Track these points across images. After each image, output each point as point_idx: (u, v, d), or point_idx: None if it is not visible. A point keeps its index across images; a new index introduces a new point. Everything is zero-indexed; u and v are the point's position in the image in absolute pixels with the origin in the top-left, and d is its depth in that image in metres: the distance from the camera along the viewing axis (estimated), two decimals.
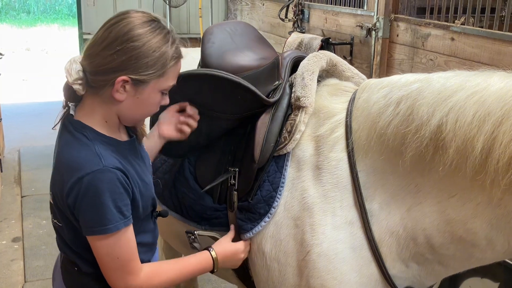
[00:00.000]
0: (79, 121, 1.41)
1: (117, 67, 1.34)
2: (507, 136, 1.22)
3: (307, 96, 1.66)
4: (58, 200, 1.41)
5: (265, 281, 1.67)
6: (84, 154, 1.36)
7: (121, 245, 1.39)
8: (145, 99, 1.41)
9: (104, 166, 1.35)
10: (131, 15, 1.38)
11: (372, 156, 1.49)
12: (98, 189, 1.33)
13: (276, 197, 1.62)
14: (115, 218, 1.36)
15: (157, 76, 1.38)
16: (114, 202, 1.35)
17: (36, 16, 15.17)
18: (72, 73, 1.37)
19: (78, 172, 1.34)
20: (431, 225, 1.42)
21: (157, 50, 1.36)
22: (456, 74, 1.41)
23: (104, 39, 1.35)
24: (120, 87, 1.36)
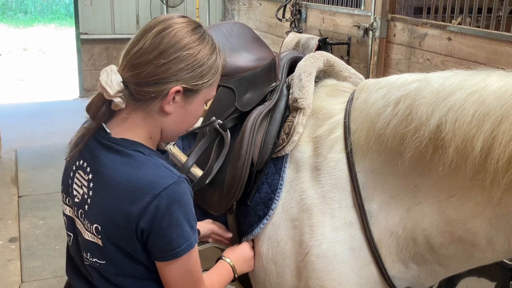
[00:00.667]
0: (125, 139, 1.29)
1: (172, 76, 1.25)
2: (506, 136, 1.21)
3: (305, 98, 1.65)
4: (112, 230, 1.26)
5: (262, 282, 1.67)
6: (151, 169, 1.25)
7: (196, 257, 1.32)
8: (192, 110, 1.34)
9: (178, 177, 1.25)
10: (176, 22, 1.29)
11: (371, 157, 1.49)
12: (179, 203, 1.24)
13: (274, 199, 1.61)
14: (193, 230, 1.29)
15: (208, 86, 1.33)
16: (192, 214, 1.29)
17: (33, 16, 15.13)
18: (114, 84, 1.24)
19: (152, 189, 1.22)
20: (430, 225, 1.41)
21: (210, 58, 1.31)
22: (454, 73, 1.40)
23: (156, 47, 1.24)
24: (172, 98, 1.27)
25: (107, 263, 1.31)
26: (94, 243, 1.30)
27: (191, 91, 1.30)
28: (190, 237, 1.27)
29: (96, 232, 1.29)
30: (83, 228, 1.32)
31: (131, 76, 1.26)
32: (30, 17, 15.04)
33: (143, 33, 1.29)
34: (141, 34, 1.30)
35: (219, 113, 1.81)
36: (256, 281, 1.70)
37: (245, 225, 1.68)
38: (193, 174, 1.73)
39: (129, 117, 1.30)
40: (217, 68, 1.34)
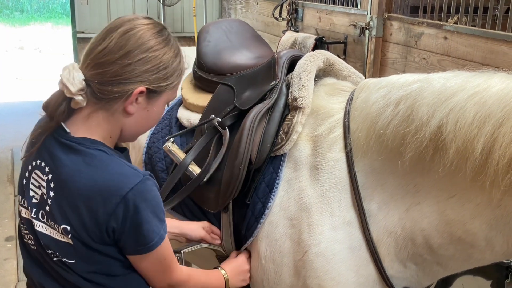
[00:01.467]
0: (85, 138, 1.27)
1: (136, 77, 1.25)
2: (507, 138, 1.21)
3: (304, 97, 1.65)
4: (83, 231, 1.25)
5: (260, 281, 1.66)
6: (115, 169, 1.25)
7: (168, 246, 1.35)
8: (154, 111, 1.34)
9: (143, 175, 1.26)
10: (141, 23, 1.29)
11: (371, 156, 1.49)
12: (146, 201, 1.24)
13: (270, 198, 1.61)
14: (163, 223, 1.31)
15: (171, 88, 1.33)
16: (160, 208, 1.30)
17: (29, 14, 15.08)
18: (75, 82, 1.22)
19: (119, 191, 1.22)
20: (429, 226, 1.41)
21: (174, 61, 1.32)
22: (456, 74, 1.40)
23: (122, 47, 1.24)
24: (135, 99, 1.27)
25: (79, 261, 1.29)
26: (65, 242, 1.28)
27: (154, 93, 1.29)
28: (160, 231, 1.29)
29: (64, 232, 1.27)
30: (49, 228, 1.30)
31: (94, 75, 1.25)
32: (27, 15, 14.98)
33: (107, 32, 1.27)
34: (105, 33, 1.28)
35: (218, 111, 1.81)
36: (254, 280, 1.70)
37: (243, 227, 1.67)
38: (191, 171, 1.74)
39: (90, 117, 1.28)
40: (181, 71, 1.35)
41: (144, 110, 1.31)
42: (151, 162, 1.99)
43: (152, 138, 2.05)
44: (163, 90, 1.31)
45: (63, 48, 10.58)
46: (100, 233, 1.25)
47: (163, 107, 1.37)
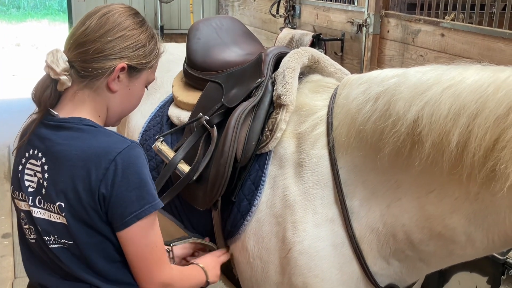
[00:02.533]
0: (73, 117, 1.32)
1: (118, 53, 1.32)
2: (482, 129, 1.21)
3: (288, 94, 1.65)
4: (76, 205, 1.27)
5: (249, 278, 1.67)
6: (103, 137, 1.29)
7: (157, 229, 1.33)
8: (135, 90, 1.41)
9: (131, 142, 1.30)
10: (117, 7, 1.38)
11: (352, 153, 1.49)
12: (136, 165, 1.26)
13: (257, 195, 1.62)
14: (155, 193, 1.30)
15: (149, 67, 1.41)
16: (150, 177, 1.31)
17: (26, 11, 15.05)
18: (60, 62, 1.29)
19: (107, 155, 1.25)
20: (410, 221, 1.41)
21: (151, 41, 1.40)
22: (433, 68, 1.40)
23: (101, 27, 1.32)
24: (116, 77, 1.34)
25: (76, 243, 1.31)
26: (61, 224, 1.30)
27: (134, 70, 1.37)
28: (152, 199, 1.28)
29: (60, 211, 1.29)
30: (47, 212, 1.32)
31: (77, 54, 1.31)
32: (23, 12, 14.95)
33: (86, 17, 1.36)
34: (84, 18, 1.37)
35: (207, 109, 1.81)
36: (243, 277, 1.71)
37: (229, 223, 1.68)
38: (180, 170, 1.74)
39: (75, 95, 1.34)
40: (157, 52, 1.42)
41: (126, 88, 1.37)
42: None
43: (144, 136, 2.06)
44: (143, 68, 1.39)
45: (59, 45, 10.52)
46: (94, 203, 1.26)
47: (143, 87, 1.44)
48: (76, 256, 1.32)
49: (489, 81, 1.24)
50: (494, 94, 1.21)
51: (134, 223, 1.27)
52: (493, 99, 1.21)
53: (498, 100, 1.20)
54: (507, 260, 2.29)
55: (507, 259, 2.29)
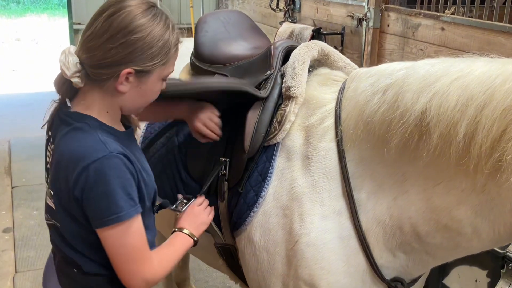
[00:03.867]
0: (78, 113, 1.36)
1: (121, 60, 1.29)
2: (489, 120, 1.22)
3: (298, 86, 1.66)
4: (61, 196, 1.35)
5: (254, 270, 1.68)
6: (87, 142, 1.31)
7: (134, 233, 1.33)
8: (148, 88, 1.38)
9: (110, 152, 1.29)
10: (128, 4, 1.31)
11: (360, 145, 1.49)
12: (106, 176, 1.28)
13: (264, 187, 1.62)
14: (127, 205, 1.30)
15: (161, 65, 1.35)
16: (124, 189, 1.30)
17: (26, 6, 15.00)
18: (70, 66, 1.30)
19: (83, 161, 1.28)
20: (416, 213, 1.42)
21: (160, 39, 1.32)
22: (441, 60, 1.41)
23: (105, 31, 1.29)
24: (124, 79, 1.32)
25: (63, 226, 1.40)
26: (51, 208, 1.41)
27: (143, 72, 1.33)
28: (119, 211, 1.29)
29: (51, 195, 1.39)
30: (48, 197, 1.44)
31: (86, 58, 1.31)
32: (23, 7, 14.91)
33: (96, 16, 1.33)
34: (95, 16, 1.33)
35: None
36: (248, 269, 1.71)
37: (235, 215, 1.68)
38: None
39: (87, 94, 1.36)
40: (169, 48, 1.35)
41: (136, 88, 1.36)
42: (147, 152, 1.99)
43: (149, 129, 2.06)
44: (152, 69, 1.34)
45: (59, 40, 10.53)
46: (69, 200, 1.32)
47: (158, 83, 1.40)
48: (62, 237, 1.41)
49: (497, 72, 1.25)
50: (502, 85, 1.22)
51: (103, 228, 1.31)
52: (501, 91, 1.22)
53: (505, 91, 1.21)
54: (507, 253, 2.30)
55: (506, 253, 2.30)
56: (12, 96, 7.04)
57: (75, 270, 1.43)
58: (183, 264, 3.01)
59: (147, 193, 1.43)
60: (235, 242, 1.75)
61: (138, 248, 1.35)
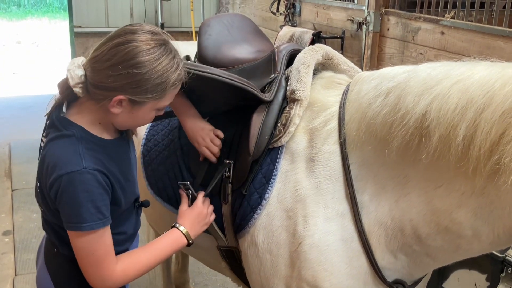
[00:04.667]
0: (67, 119, 1.44)
1: (117, 88, 1.37)
2: (488, 123, 1.23)
3: (302, 89, 1.67)
4: (43, 190, 1.47)
5: (257, 272, 1.68)
6: (66, 152, 1.40)
7: (96, 243, 1.43)
8: (139, 116, 1.45)
9: (83, 167, 1.37)
10: (139, 37, 1.36)
11: (362, 148, 1.51)
12: (75, 190, 1.37)
13: (268, 189, 1.63)
14: (92, 218, 1.40)
15: (155, 99, 1.41)
16: (92, 203, 1.39)
17: (26, 9, 15.07)
18: (75, 77, 1.39)
19: (58, 170, 1.38)
20: (417, 216, 1.43)
21: (159, 78, 1.37)
22: (443, 64, 1.42)
23: (109, 59, 1.35)
24: (117, 104, 1.39)
25: (44, 211, 1.54)
26: (38, 195, 1.53)
27: (135, 102, 1.40)
28: (82, 221, 1.39)
29: (37, 187, 1.52)
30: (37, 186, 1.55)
31: (89, 75, 1.40)
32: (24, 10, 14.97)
33: (107, 40, 1.40)
34: (106, 40, 1.40)
35: None
36: (251, 271, 1.72)
37: (238, 217, 1.69)
38: None
39: (84, 104, 1.45)
40: (166, 86, 1.40)
41: (129, 113, 1.43)
42: (149, 155, 2.01)
43: (151, 131, 2.07)
44: (145, 101, 1.41)
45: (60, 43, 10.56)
46: (48, 196, 1.44)
47: (150, 113, 1.47)
48: (49, 224, 1.56)
49: (496, 76, 1.26)
50: (501, 89, 1.23)
51: (68, 230, 1.43)
52: (500, 94, 1.23)
53: (504, 95, 1.22)
54: (506, 257, 2.31)
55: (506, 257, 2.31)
56: (13, 99, 7.05)
57: (55, 249, 1.56)
58: (182, 267, 3.02)
59: (126, 199, 1.52)
60: (238, 244, 1.76)
61: (98, 255, 1.44)
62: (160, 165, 1.94)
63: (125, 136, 1.58)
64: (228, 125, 1.79)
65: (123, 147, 1.57)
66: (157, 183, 1.94)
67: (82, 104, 1.46)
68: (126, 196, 1.52)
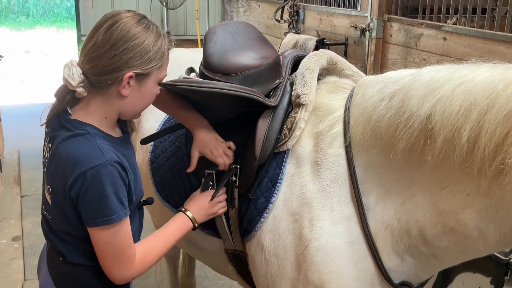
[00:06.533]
0: (77, 120, 1.48)
1: (123, 65, 1.43)
2: (492, 124, 1.24)
3: (307, 94, 1.68)
4: (57, 193, 1.47)
5: (264, 275, 1.69)
6: (86, 148, 1.43)
7: (121, 234, 1.47)
8: (147, 91, 1.51)
9: (106, 160, 1.42)
10: (123, 16, 1.46)
11: (367, 151, 1.52)
12: (102, 182, 1.40)
13: (274, 193, 1.65)
14: (117, 209, 1.44)
15: (157, 68, 1.50)
16: (116, 194, 1.43)
17: (35, 19, 15.21)
18: (75, 77, 1.43)
19: (81, 167, 1.40)
20: (423, 217, 1.44)
21: (155, 45, 1.47)
22: (446, 67, 1.43)
23: (107, 41, 1.42)
24: (126, 83, 1.44)
25: (53, 219, 1.54)
26: (47, 201, 1.54)
27: (142, 75, 1.47)
28: (111, 214, 1.43)
29: (48, 191, 1.53)
30: (45, 191, 1.56)
31: (89, 68, 1.44)
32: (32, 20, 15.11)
33: (95, 30, 1.47)
34: (93, 30, 1.47)
35: None
36: (258, 273, 1.73)
37: (245, 220, 1.70)
38: None
39: (89, 102, 1.49)
40: (163, 52, 1.50)
41: (137, 91, 1.49)
42: (157, 161, 2.03)
43: None
44: (151, 72, 1.48)
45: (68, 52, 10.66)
46: (64, 199, 1.45)
47: (155, 86, 1.54)
48: (51, 227, 1.57)
49: (499, 78, 1.27)
50: (504, 90, 1.24)
51: (94, 227, 1.45)
52: (503, 95, 1.23)
53: (508, 96, 1.23)
54: (510, 260, 2.30)
55: (510, 260, 2.30)
56: (21, 107, 7.12)
57: (60, 258, 1.57)
58: (189, 271, 3.03)
59: (136, 196, 1.57)
60: (245, 248, 1.77)
61: (121, 248, 1.48)
62: (168, 171, 1.96)
63: (127, 135, 1.63)
64: (234, 131, 1.81)
65: (129, 145, 1.62)
66: (165, 189, 1.96)
67: (86, 104, 1.49)
68: (136, 193, 1.56)
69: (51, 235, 1.57)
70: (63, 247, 1.55)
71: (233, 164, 1.75)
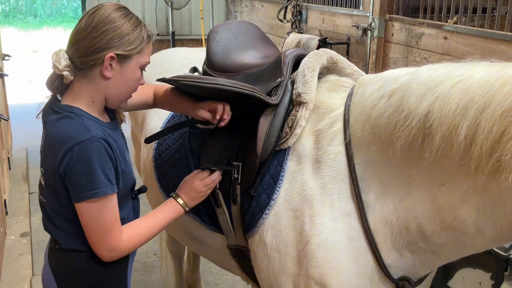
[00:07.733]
0: (66, 104, 1.55)
1: (105, 45, 1.50)
2: (489, 122, 1.25)
3: (308, 92, 1.70)
4: (49, 174, 1.54)
5: (266, 270, 1.71)
6: (73, 126, 1.50)
7: (107, 210, 1.52)
8: (129, 75, 1.57)
9: (92, 136, 1.48)
10: (105, 4, 1.57)
11: (367, 148, 1.54)
12: (88, 157, 1.46)
13: (275, 190, 1.67)
14: (104, 183, 1.49)
15: (137, 52, 1.56)
16: (102, 169, 1.48)
17: (42, 19, 15.29)
18: (61, 60, 1.52)
19: (68, 142, 1.47)
20: (422, 213, 1.45)
21: (134, 30, 1.55)
22: (444, 65, 1.45)
23: (88, 25, 1.52)
24: (108, 64, 1.51)
25: (47, 202, 1.60)
26: (42, 184, 1.61)
27: (124, 56, 1.54)
28: (96, 188, 1.48)
29: (42, 174, 1.59)
30: (41, 173, 1.61)
31: (74, 52, 1.53)
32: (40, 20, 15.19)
33: (80, 19, 1.58)
34: (79, 20, 1.59)
35: None
36: (260, 269, 1.75)
37: (247, 217, 1.73)
38: None
39: (75, 85, 1.56)
40: (143, 38, 1.58)
41: (119, 74, 1.55)
42: (160, 158, 2.06)
43: None
44: (131, 54, 1.55)
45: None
46: (54, 177, 1.51)
47: (138, 70, 1.59)
48: (47, 214, 1.62)
49: (496, 76, 1.27)
50: (501, 88, 1.25)
51: (81, 202, 1.50)
52: (500, 93, 1.24)
53: (504, 94, 1.24)
54: (510, 256, 2.31)
55: (510, 255, 2.31)
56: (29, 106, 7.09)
57: (56, 246, 1.62)
58: (194, 267, 3.06)
59: (125, 180, 1.61)
60: (248, 244, 1.79)
61: (107, 224, 1.53)
62: (172, 168, 1.98)
63: (116, 121, 1.68)
64: (236, 129, 1.83)
65: (118, 130, 1.66)
66: (168, 185, 1.98)
67: (73, 89, 1.56)
68: (124, 176, 1.59)
69: (47, 222, 1.62)
70: (56, 233, 1.60)
71: (235, 162, 1.77)
